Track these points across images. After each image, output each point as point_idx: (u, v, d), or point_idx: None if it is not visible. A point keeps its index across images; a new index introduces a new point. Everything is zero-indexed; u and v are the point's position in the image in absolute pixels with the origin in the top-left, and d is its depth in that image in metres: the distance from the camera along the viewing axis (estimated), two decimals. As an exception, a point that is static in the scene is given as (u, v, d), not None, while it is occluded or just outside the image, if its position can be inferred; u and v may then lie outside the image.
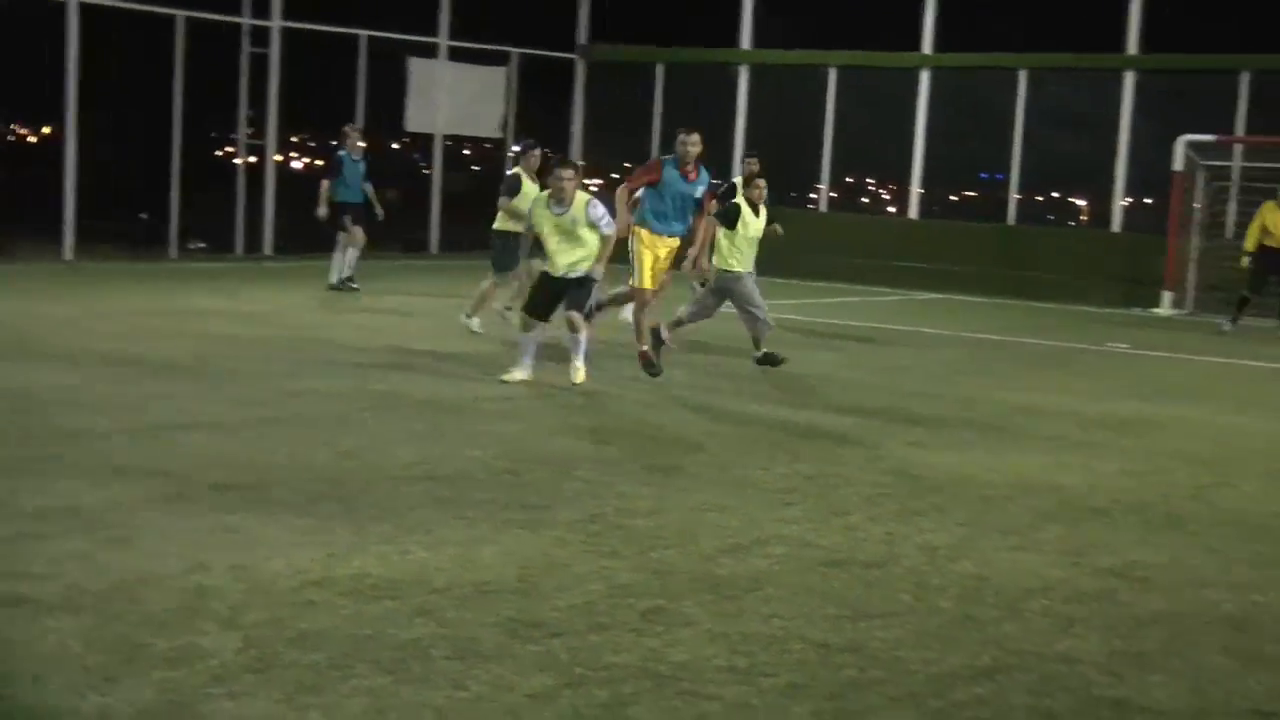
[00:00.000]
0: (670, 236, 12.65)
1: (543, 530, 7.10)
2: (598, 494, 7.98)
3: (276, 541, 6.63)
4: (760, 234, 13.69)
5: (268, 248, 24.12)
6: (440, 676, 5.00)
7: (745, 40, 27.41)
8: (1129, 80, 24.55)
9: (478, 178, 29.51)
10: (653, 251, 12.58)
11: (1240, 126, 23.68)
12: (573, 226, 11.71)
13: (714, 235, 13.31)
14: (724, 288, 13.48)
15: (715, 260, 13.49)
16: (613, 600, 6.00)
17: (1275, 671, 5.54)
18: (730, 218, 13.45)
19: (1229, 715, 5.06)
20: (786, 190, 26.42)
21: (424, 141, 26.99)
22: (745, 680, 5.12)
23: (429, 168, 26.95)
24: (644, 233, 12.54)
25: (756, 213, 13.63)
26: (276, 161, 24.49)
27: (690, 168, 12.56)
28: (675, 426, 10.36)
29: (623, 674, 5.11)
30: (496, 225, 14.94)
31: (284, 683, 4.86)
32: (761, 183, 13.92)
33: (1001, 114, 25.29)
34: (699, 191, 12.67)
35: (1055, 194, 27.00)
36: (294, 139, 26.96)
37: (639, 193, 12.73)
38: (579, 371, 11.77)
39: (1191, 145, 22.79)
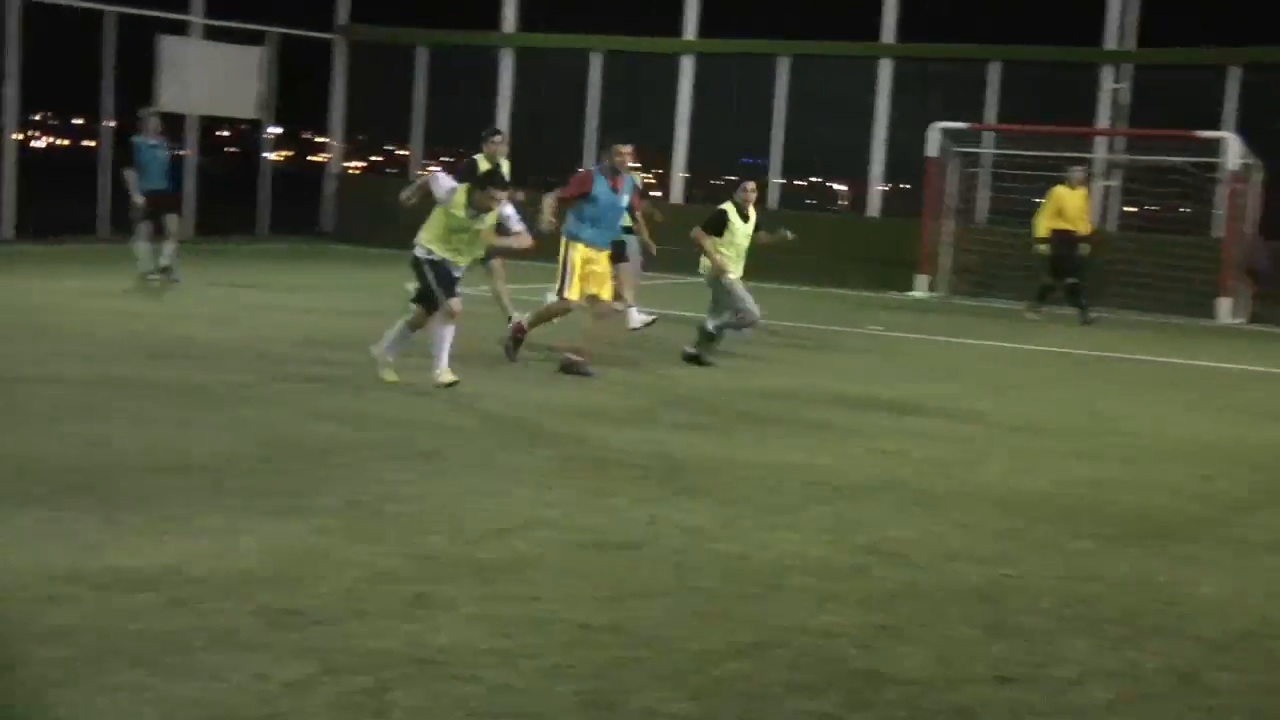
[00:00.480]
0: (604, 249, 12.79)
1: (302, 518, 6.99)
2: (359, 480, 7.89)
3: (22, 536, 6.40)
4: (749, 239, 13.81)
5: (7, 230, 23.22)
6: (198, 668, 4.89)
7: (509, 24, 27.35)
8: (886, 68, 25.19)
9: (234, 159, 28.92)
10: (587, 265, 12.62)
11: (991, 114, 24.50)
12: (478, 233, 11.29)
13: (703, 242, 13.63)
14: (715, 288, 13.73)
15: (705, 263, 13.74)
16: (374, 587, 5.95)
17: (1017, 639, 5.75)
18: (717, 226, 13.54)
19: (973, 681, 5.24)
20: (547, 174, 26.51)
21: (178, 122, 26.29)
22: (508, 662, 5.12)
23: (184, 149, 26.27)
24: (580, 246, 12.57)
25: (745, 218, 13.71)
26: (16, 140, 23.59)
27: (620, 178, 12.71)
28: (439, 413, 10.30)
29: (384, 660, 5.07)
30: None
31: (31, 681, 4.70)
32: (751, 185, 14.01)
33: (763, 100, 25.73)
34: (625, 200, 12.93)
35: (816, 179, 27.58)
36: (36, 117, 25.98)
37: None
38: (446, 371, 11.12)
39: (945, 132, 23.50)
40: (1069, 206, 20.12)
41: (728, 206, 13.78)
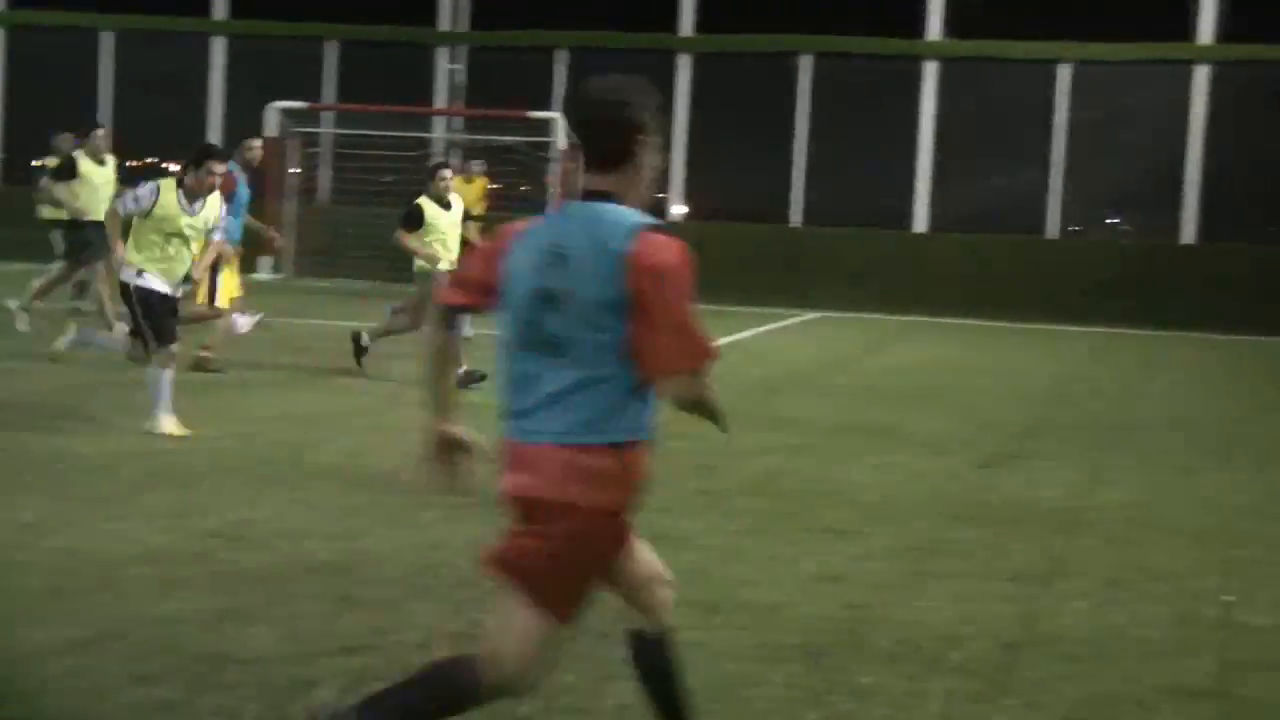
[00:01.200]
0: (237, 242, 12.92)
1: None
2: None
3: None
4: (459, 228, 12.87)
5: None
6: None
7: None
8: (219, 45, 24.73)
9: None
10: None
11: (331, 94, 24.57)
12: (202, 228, 9.91)
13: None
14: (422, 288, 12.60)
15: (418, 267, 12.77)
16: None
17: (363, 610, 5.79)
18: (414, 221, 12.57)
19: (322, 654, 5.22)
20: None
21: None
22: None
23: None
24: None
25: (447, 206, 12.78)
26: None
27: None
28: None
29: None
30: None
31: None
32: (448, 172, 13.04)
33: (87, 77, 24.71)
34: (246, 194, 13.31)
35: (152, 159, 26.72)
36: None
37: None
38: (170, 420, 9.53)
39: (282, 111, 23.30)
40: (465, 196, 20.99)
41: (422, 200, 12.87)
